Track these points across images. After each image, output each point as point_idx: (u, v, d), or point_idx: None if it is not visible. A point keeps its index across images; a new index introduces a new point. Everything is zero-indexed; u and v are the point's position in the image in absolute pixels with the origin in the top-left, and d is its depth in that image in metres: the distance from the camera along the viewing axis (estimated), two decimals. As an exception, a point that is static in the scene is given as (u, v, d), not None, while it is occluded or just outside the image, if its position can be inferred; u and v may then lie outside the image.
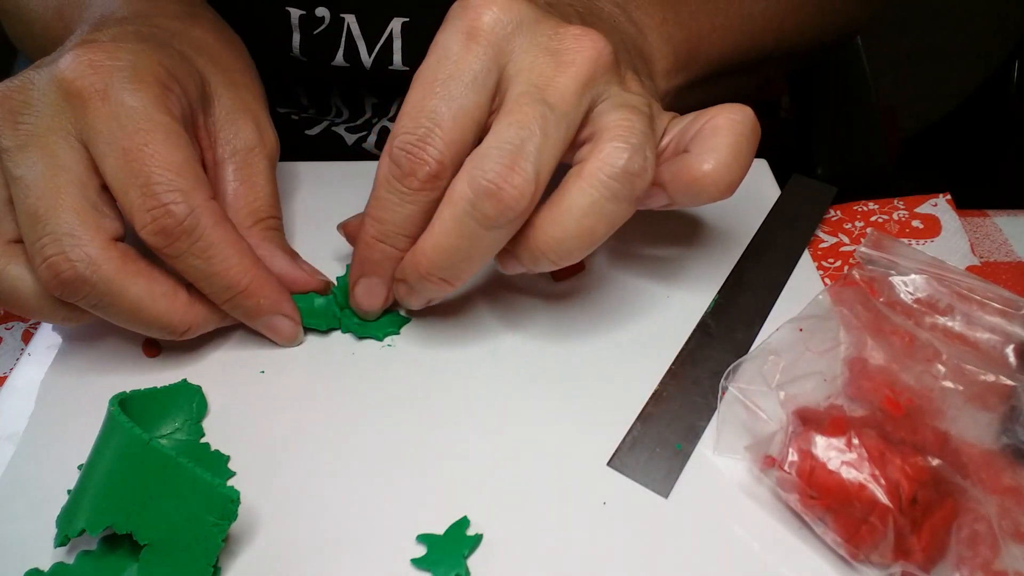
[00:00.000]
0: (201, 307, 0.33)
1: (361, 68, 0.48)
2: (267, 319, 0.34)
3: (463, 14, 0.30)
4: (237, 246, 0.32)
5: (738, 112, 0.32)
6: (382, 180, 0.31)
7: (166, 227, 0.30)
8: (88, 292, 0.30)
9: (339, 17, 0.46)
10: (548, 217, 0.29)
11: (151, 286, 0.31)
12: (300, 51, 0.48)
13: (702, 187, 0.31)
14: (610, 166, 0.29)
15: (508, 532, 0.28)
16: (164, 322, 0.32)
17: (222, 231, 0.31)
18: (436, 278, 0.31)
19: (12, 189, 0.30)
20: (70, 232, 0.29)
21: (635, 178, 0.29)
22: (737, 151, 0.31)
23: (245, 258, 0.32)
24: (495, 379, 0.34)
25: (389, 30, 0.47)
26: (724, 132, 0.31)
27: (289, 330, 0.35)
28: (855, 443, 0.27)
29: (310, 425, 0.32)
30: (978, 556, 0.26)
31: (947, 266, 0.34)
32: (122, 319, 0.31)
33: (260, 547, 0.28)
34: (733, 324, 0.36)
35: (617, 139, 0.29)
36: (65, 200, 0.30)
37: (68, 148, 0.30)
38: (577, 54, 0.30)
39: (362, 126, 0.53)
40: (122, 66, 0.31)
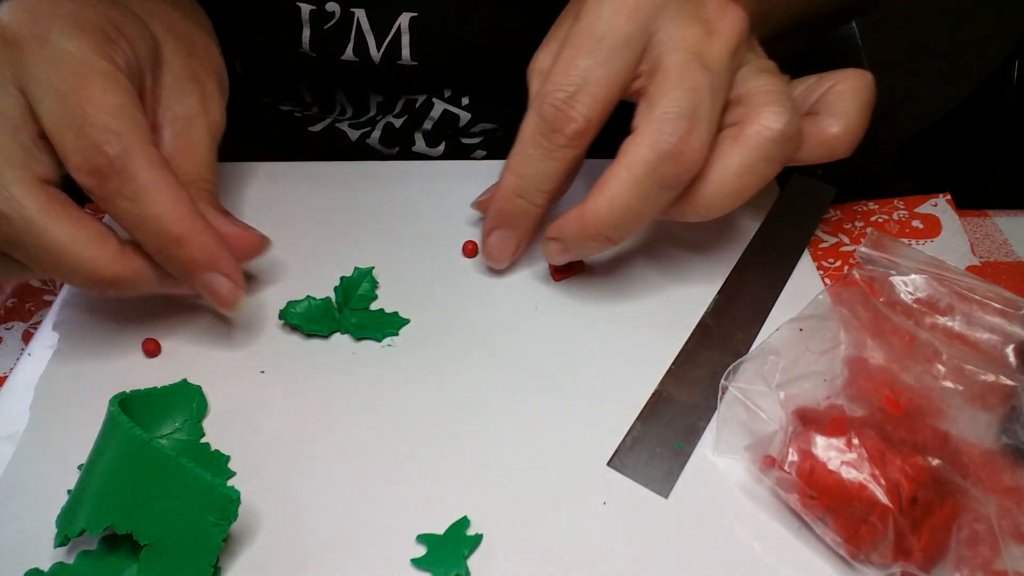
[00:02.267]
0: (133, 259, 0.31)
1: (370, 62, 0.48)
2: (204, 277, 0.32)
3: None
4: (173, 193, 0.31)
5: (861, 77, 0.34)
6: (527, 136, 0.32)
7: (97, 166, 0.29)
8: (7, 230, 0.29)
9: (349, 11, 0.47)
10: (708, 176, 0.31)
11: (76, 230, 0.30)
12: (310, 46, 0.48)
13: (832, 147, 0.34)
14: (770, 128, 0.30)
15: (508, 532, 0.28)
16: (89, 269, 0.30)
17: (157, 175, 0.30)
18: (604, 237, 0.32)
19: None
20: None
21: (790, 141, 0.31)
22: (861, 115, 0.34)
23: (181, 205, 0.31)
24: (495, 379, 0.34)
25: (398, 24, 0.47)
26: (850, 97, 0.34)
27: (228, 291, 0.33)
28: (855, 443, 0.27)
29: (310, 425, 0.32)
30: (978, 556, 0.26)
31: (947, 266, 0.34)
32: (46, 263, 0.30)
33: (260, 547, 0.28)
34: (733, 324, 0.36)
35: (773, 104, 0.31)
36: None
37: (3, 93, 0.30)
38: (725, 24, 0.31)
39: (366, 123, 0.53)
40: (63, 13, 0.31)
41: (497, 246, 0.36)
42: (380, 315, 0.36)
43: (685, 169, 0.30)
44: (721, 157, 0.31)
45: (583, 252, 0.34)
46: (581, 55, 0.31)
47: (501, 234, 0.35)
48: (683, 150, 0.30)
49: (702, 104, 0.30)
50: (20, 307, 0.39)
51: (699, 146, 0.30)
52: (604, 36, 0.31)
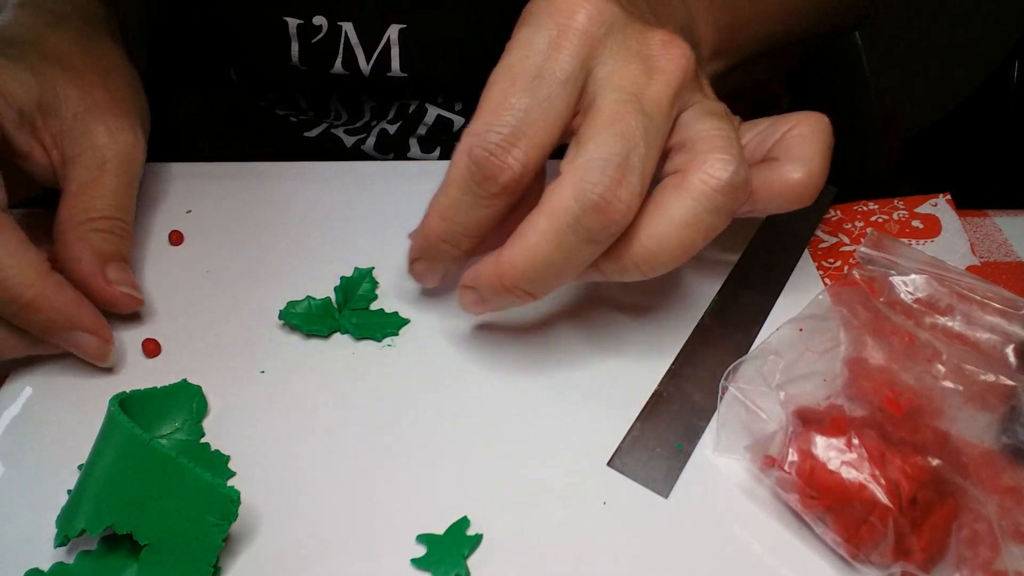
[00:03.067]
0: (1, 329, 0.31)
1: (360, 75, 0.48)
2: (66, 336, 0.32)
3: (551, 9, 0.29)
4: (18, 256, 0.30)
5: (819, 120, 0.32)
6: (457, 180, 0.29)
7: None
8: None
9: (336, 25, 0.46)
10: (646, 229, 0.28)
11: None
12: (299, 60, 0.48)
13: (795, 195, 0.31)
14: (715, 178, 0.28)
15: (508, 532, 0.28)
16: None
17: (2, 241, 0.30)
18: (521, 291, 0.29)
19: None
20: None
21: (738, 191, 0.28)
22: (824, 160, 0.32)
23: (28, 269, 0.30)
24: (494, 379, 0.34)
25: (387, 37, 0.47)
26: (811, 141, 0.32)
27: (92, 347, 0.33)
28: (855, 443, 0.27)
29: (310, 425, 0.32)
30: (978, 556, 0.26)
31: (947, 266, 0.34)
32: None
33: (260, 547, 0.28)
34: (733, 324, 0.36)
35: (718, 150, 0.28)
36: None
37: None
38: (668, 62, 0.29)
39: (361, 128, 0.53)
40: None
41: (422, 274, 0.34)
42: (380, 315, 0.36)
43: (612, 221, 0.27)
44: (662, 208, 0.28)
45: (500, 305, 0.31)
46: (515, 93, 0.28)
47: (426, 265, 0.33)
48: (610, 201, 0.27)
49: (634, 151, 0.27)
50: (20, 307, 0.39)
51: (628, 197, 0.27)
52: (541, 73, 0.28)
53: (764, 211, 0.33)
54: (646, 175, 0.28)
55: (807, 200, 0.32)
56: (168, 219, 0.42)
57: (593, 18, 0.28)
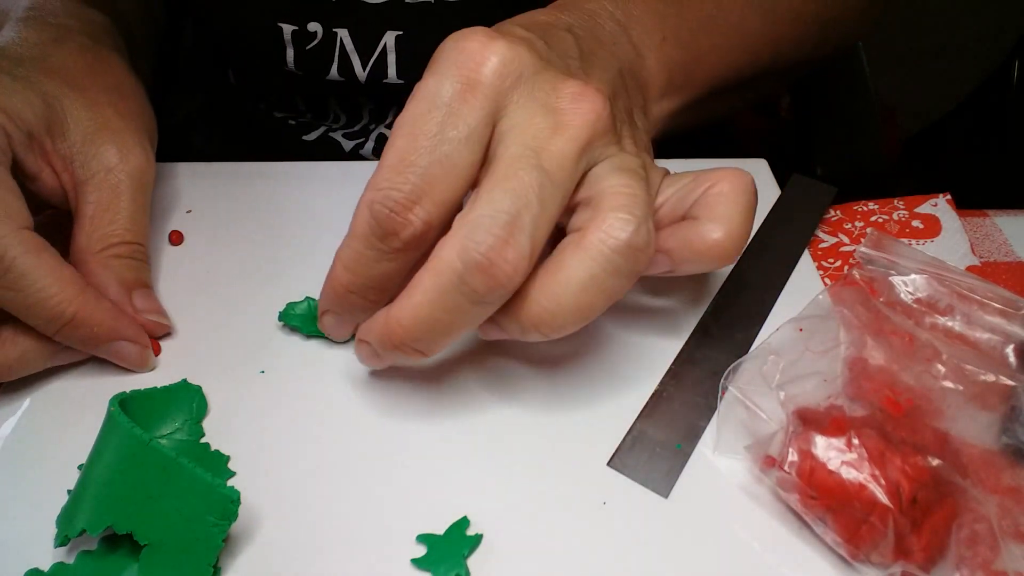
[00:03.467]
0: (25, 342, 0.32)
1: (356, 82, 0.48)
2: (108, 347, 0.33)
3: (459, 58, 0.27)
4: (56, 275, 0.31)
5: (740, 178, 0.31)
6: (359, 234, 0.28)
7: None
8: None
9: (331, 32, 0.46)
10: (543, 289, 0.27)
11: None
12: (295, 65, 0.48)
13: (714, 255, 0.30)
14: (614, 239, 0.27)
15: (508, 532, 0.28)
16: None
17: (35, 260, 0.30)
18: (410, 348, 0.28)
19: None
20: None
21: (639, 252, 0.27)
22: (745, 218, 0.30)
23: (68, 287, 0.31)
24: (494, 379, 0.34)
25: (383, 44, 0.46)
26: (731, 199, 0.30)
27: (135, 355, 0.33)
28: (855, 443, 0.27)
29: (310, 425, 0.32)
30: (978, 556, 0.26)
31: (947, 266, 0.34)
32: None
33: (260, 547, 0.28)
34: (733, 324, 0.36)
35: (620, 209, 0.27)
36: None
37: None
38: (576, 116, 0.28)
39: (360, 132, 0.53)
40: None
41: (332, 327, 0.33)
42: None
43: (498, 284, 0.26)
44: (560, 268, 0.27)
45: (394, 360, 0.30)
46: (415, 150, 0.27)
47: (335, 318, 0.32)
48: (494, 261, 0.25)
49: (526, 209, 0.26)
50: (20, 307, 0.39)
51: (515, 258, 0.26)
52: (443, 129, 0.27)
53: (683, 271, 0.32)
54: (539, 235, 0.26)
55: (727, 260, 0.31)
56: (168, 219, 0.42)
57: (501, 69, 0.27)
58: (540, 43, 0.30)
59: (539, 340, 0.29)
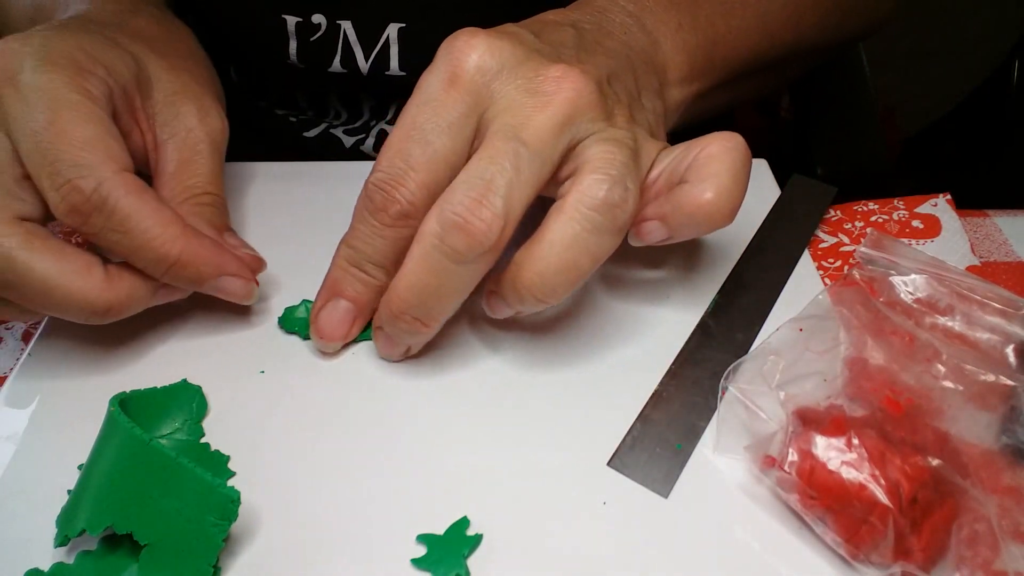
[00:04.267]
0: (123, 283, 0.31)
1: (358, 74, 0.48)
2: (214, 283, 0.33)
3: (447, 56, 0.30)
4: (159, 216, 0.31)
5: (730, 139, 0.32)
6: (358, 211, 0.32)
7: (75, 204, 0.29)
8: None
9: (335, 23, 0.46)
10: (530, 253, 0.29)
11: (60, 263, 0.30)
12: (297, 58, 0.48)
13: (705, 215, 0.31)
14: (590, 197, 0.29)
15: (508, 532, 0.28)
16: (80, 300, 0.30)
17: (137, 201, 0.30)
18: (409, 317, 0.31)
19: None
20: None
21: (615, 209, 0.29)
22: (735, 176, 0.31)
23: (171, 226, 0.31)
24: (495, 379, 0.34)
25: (386, 36, 0.47)
26: (720, 159, 0.31)
27: (242, 289, 0.34)
28: (855, 443, 0.27)
29: (310, 425, 0.32)
30: (978, 556, 0.26)
31: (947, 266, 0.34)
32: (36, 301, 0.30)
33: (260, 547, 0.28)
34: (733, 324, 0.36)
35: (596, 171, 0.29)
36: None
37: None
38: (556, 95, 0.29)
39: (360, 128, 0.53)
40: (31, 51, 0.31)
41: (330, 319, 0.33)
42: None
43: (476, 240, 0.28)
44: (544, 232, 0.29)
45: (403, 338, 0.32)
46: (404, 140, 0.30)
47: (335, 306, 0.33)
48: (470, 220, 0.28)
49: (500, 173, 0.28)
50: (20, 307, 0.39)
51: (490, 216, 0.28)
52: (428, 120, 0.30)
53: (681, 235, 0.32)
54: (515, 198, 0.28)
55: (722, 220, 0.31)
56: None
57: (481, 63, 0.30)
58: (528, 36, 0.32)
59: (537, 307, 0.31)
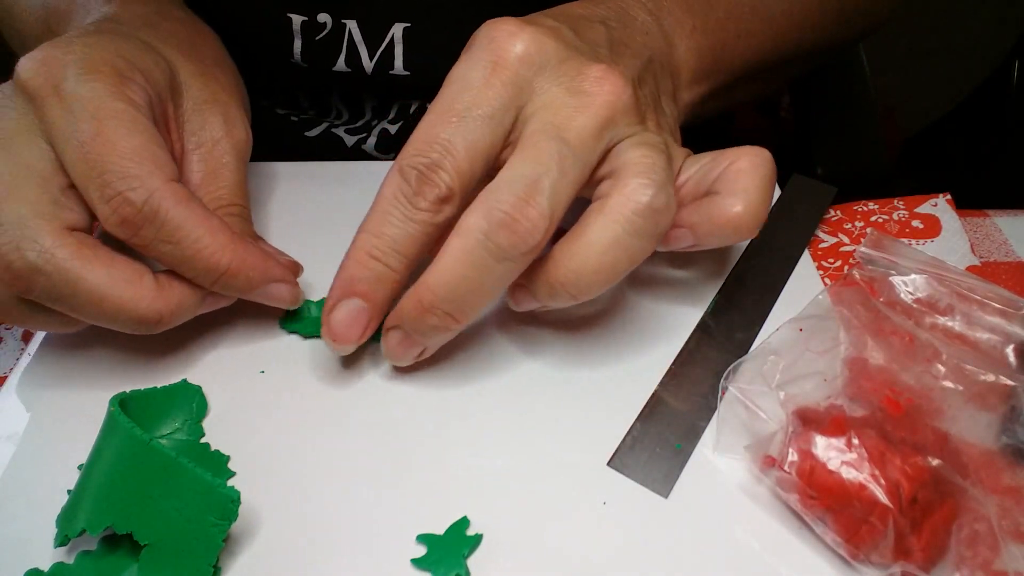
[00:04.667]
0: (173, 293, 0.31)
1: (362, 73, 0.48)
2: (263, 290, 0.33)
3: (489, 45, 0.30)
4: (208, 225, 0.31)
5: (759, 154, 0.33)
6: (388, 195, 0.30)
7: (126, 216, 0.29)
8: (43, 283, 0.29)
9: (341, 23, 0.46)
10: (568, 251, 0.29)
11: (111, 272, 0.29)
12: (301, 57, 0.48)
13: (734, 228, 0.32)
14: (635, 202, 0.29)
15: (508, 532, 0.28)
16: (131, 310, 0.30)
17: (187, 211, 0.30)
18: (441, 312, 0.29)
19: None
20: (20, 222, 0.29)
21: (659, 215, 0.29)
22: (763, 192, 0.32)
23: (219, 235, 0.31)
24: (495, 379, 0.34)
25: (390, 35, 0.47)
26: (750, 174, 0.32)
27: (289, 294, 0.34)
28: (855, 443, 0.27)
29: (310, 425, 0.32)
30: (978, 556, 0.26)
31: (947, 266, 0.34)
32: (86, 312, 0.30)
33: (260, 547, 0.28)
34: (733, 324, 0.36)
35: (641, 175, 0.29)
36: (20, 193, 0.29)
37: (33, 147, 0.30)
38: (597, 96, 0.29)
39: (362, 128, 0.53)
40: (74, 59, 0.30)
41: (344, 321, 0.31)
42: None
43: (521, 239, 0.28)
44: (584, 231, 0.29)
45: (426, 336, 0.31)
46: (443, 125, 0.29)
47: (349, 306, 0.31)
48: (517, 219, 0.28)
49: (546, 174, 0.28)
50: (20, 307, 0.39)
51: (536, 215, 0.28)
52: (468, 108, 0.29)
53: (707, 244, 0.33)
54: (559, 198, 0.28)
55: (748, 233, 0.32)
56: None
57: (525, 56, 0.29)
58: (569, 33, 0.32)
59: (567, 304, 0.30)
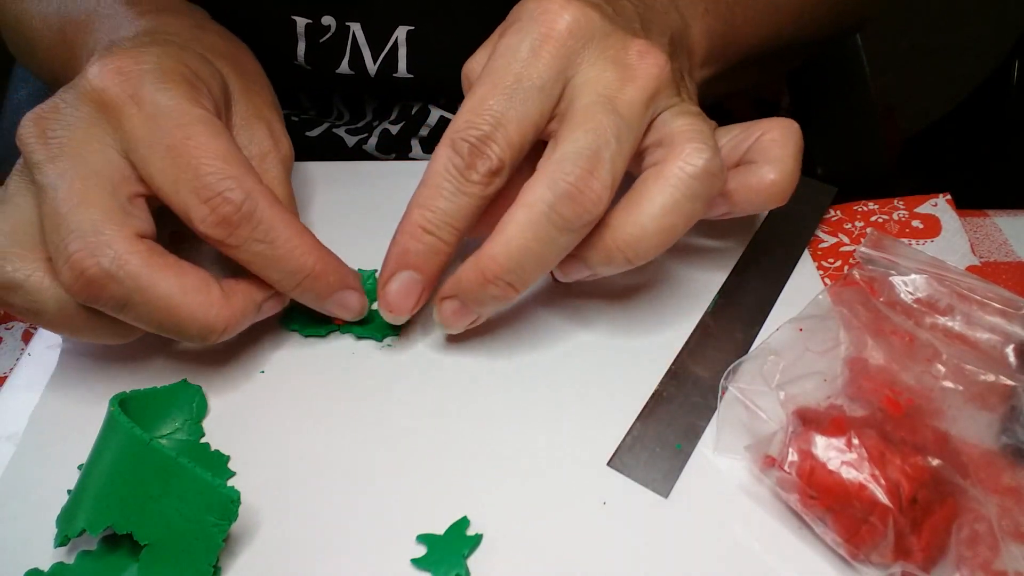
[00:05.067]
0: (237, 301, 0.31)
1: (366, 76, 0.48)
2: (338, 297, 0.33)
3: (539, 17, 0.30)
4: (297, 227, 0.31)
5: (790, 125, 0.34)
6: (439, 169, 0.30)
7: (226, 215, 0.29)
8: (115, 290, 0.28)
9: (345, 25, 0.46)
10: (628, 216, 0.30)
11: (182, 280, 0.30)
12: (305, 60, 0.48)
13: (769, 195, 0.34)
14: (692, 165, 0.30)
15: (508, 532, 0.28)
16: (200, 318, 0.30)
17: (280, 212, 0.31)
18: (503, 282, 0.30)
19: (39, 198, 0.29)
20: (94, 229, 0.28)
21: (714, 178, 0.30)
22: (796, 161, 0.34)
23: (306, 237, 0.32)
24: (494, 379, 0.34)
25: (394, 38, 0.47)
26: (783, 144, 0.34)
27: (358, 304, 0.34)
28: (855, 443, 0.27)
29: (310, 425, 0.32)
30: (978, 556, 0.26)
31: (947, 266, 0.34)
32: (155, 320, 0.30)
33: (260, 547, 0.28)
34: (733, 324, 0.36)
35: (694, 140, 0.30)
36: (92, 200, 0.29)
37: (102, 155, 0.30)
38: (642, 69, 0.31)
39: (363, 128, 0.53)
40: (149, 68, 0.30)
41: (400, 292, 0.32)
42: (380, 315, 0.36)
43: (585, 210, 0.29)
44: (643, 197, 0.30)
45: (482, 305, 0.32)
46: (494, 96, 0.30)
47: (405, 278, 0.32)
48: (582, 190, 0.29)
49: (605, 146, 0.29)
50: (20, 307, 0.39)
51: (600, 187, 0.29)
52: (519, 79, 0.30)
53: (742, 211, 0.35)
54: (617, 169, 0.29)
55: (781, 199, 0.34)
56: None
57: (574, 28, 0.30)
58: (608, 9, 0.33)
59: (620, 270, 0.31)
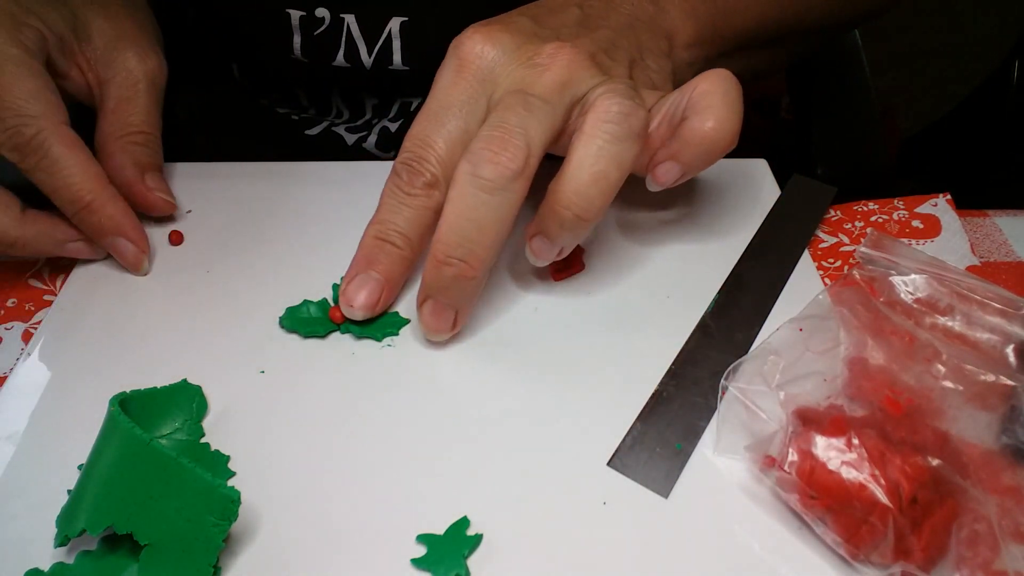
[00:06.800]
0: (33, 224, 0.37)
1: (361, 68, 0.48)
2: (111, 240, 0.38)
3: (454, 51, 0.34)
4: (84, 167, 0.37)
5: (718, 73, 0.35)
6: (386, 190, 0.35)
7: (17, 144, 0.36)
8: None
9: (339, 17, 0.47)
10: (562, 177, 0.32)
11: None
12: (301, 52, 0.48)
13: (711, 142, 0.34)
14: (604, 112, 0.31)
15: (508, 532, 0.28)
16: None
17: (67, 151, 0.36)
18: (455, 260, 0.32)
19: None
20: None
21: (630, 116, 0.31)
22: (730, 104, 0.34)
23: (91, 178, 0.37)
24: (494, 379, 0.34)
25: (388, 29, 0.47)
26: (713, 92, 0.34)
27: (131, 254, 0.38)
28: (855, 443, 0.27)
29: (310, 425, 0.32)
30: (978, 556, 0.26)
31: (947, 266, 0.34)
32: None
33: (260, 547, 0.28)
34: (733, 324, 0.36)
35: (608, 96, 0.32)
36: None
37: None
38: (554, 62, 0.33)
39: (362, 126, 0.53)
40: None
41: (354, 285, 0.35)
42: (380, 315, 0.36)
43: (505, 167, 0.31)
44: (571, 155, 0.32)
45: (449, 294, 0.33)
46: (425, 122, 0.34)
47: (360, 277, 0.35)
48: (495, 150, 0.31)
49: (514, 116, 0.31)
50: (20, 307, 0.39)
51: (514, 146, 0.31)
52: (443, 105, 0.34)
53: (692, 168, 0.35)
54: (532, 135, 0.31)
55: (726, 144, 0.34)
56: (168, 219, 0.42)
57: (482, 51, 0.34)
58: (526, 23, 0.35)
59: (580, 230, 0.32)
